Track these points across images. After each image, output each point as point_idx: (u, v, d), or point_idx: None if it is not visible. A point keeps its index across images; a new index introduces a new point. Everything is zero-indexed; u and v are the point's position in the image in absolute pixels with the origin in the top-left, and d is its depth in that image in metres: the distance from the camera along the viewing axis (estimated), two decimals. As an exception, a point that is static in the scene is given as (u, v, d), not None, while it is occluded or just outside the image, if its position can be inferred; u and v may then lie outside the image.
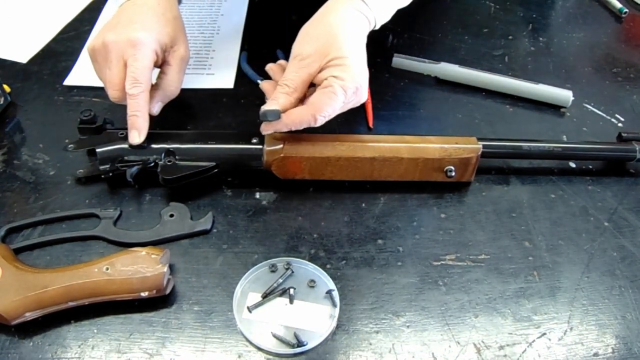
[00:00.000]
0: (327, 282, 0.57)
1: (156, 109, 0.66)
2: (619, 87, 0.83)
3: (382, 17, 0.65)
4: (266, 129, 0.60)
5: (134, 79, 0.61)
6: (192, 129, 0.72)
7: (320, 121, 0.59)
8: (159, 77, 0.68)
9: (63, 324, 0.53)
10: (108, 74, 0.63)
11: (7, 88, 0.75)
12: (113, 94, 0.63)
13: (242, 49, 0.84)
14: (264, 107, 0.59)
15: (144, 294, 0.53)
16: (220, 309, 0.55)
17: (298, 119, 0.59)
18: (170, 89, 0.67)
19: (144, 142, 0.62)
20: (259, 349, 0.52)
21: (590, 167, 0.71)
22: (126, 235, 0.60)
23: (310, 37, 0.60)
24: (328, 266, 0.59)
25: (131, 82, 0.61)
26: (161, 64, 0.67)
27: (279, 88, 0.60)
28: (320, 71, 0.60)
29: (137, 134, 0.62)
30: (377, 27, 0.65)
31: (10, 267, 0.53)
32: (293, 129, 0.60)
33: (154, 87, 0.67)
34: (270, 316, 0.54)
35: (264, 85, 0.66)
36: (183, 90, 0.71)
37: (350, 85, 0.58)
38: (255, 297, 0.55)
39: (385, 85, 0.80)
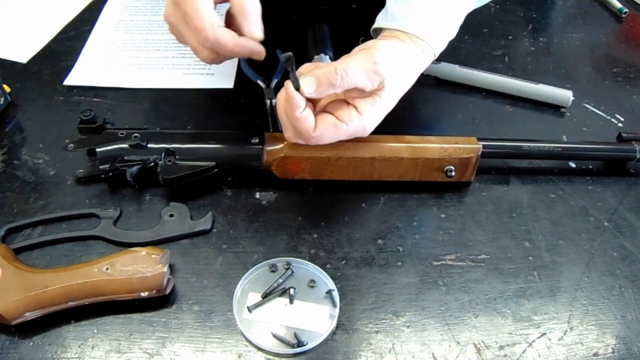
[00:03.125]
0: (327, 282, 0.57)
1: (256, 31, 0.60)
2: (619, 87, 0.83)
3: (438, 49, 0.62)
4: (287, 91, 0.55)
5: (195, 28, 0.57)
6: (192, 129, 0.72)
7: (314, 142, 0.57)
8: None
9: (63, 324, 0.53)
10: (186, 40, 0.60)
11: (7, 88, 0.74)
12: (203, 57, 0.60)
13: (242, 48, 0.84)
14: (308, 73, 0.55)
15: (144, 294, 0.53)
16: (220, 309, 0.55)
17: (303, 127, 0.55)
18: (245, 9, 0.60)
19: (144, 142, 0.62)
20: (259, 349, 0.52)
21: (590, 167, 0.71)
22: (126, 235, 0.60)
23: (388, 63, 0.55)
24: (328, 266, 0.59)
25: (195, 31, 0.57)
26: None
27: (334, 74, 0.54)
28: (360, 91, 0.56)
29: (259, 54, 0.60)
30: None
31: (10, 267, 0.53)
32: (293, 126, 0.56)
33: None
34: (270, 316, 0.54)
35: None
36: (183, 90, 0.71)
37: (360, 129, 0.56)
38: (255, 297, 0.55)
39: (385, 85, 0.80)
